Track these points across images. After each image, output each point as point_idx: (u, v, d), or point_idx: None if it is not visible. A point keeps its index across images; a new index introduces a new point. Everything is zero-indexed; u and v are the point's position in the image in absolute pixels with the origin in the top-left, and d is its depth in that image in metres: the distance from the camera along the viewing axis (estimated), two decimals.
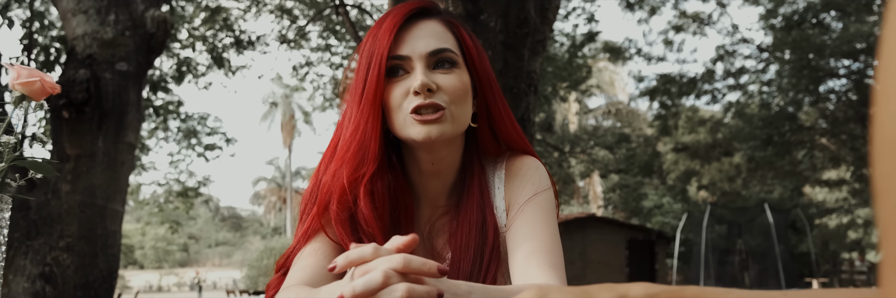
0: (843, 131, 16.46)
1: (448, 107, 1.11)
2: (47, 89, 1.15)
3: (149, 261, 47.42)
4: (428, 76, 1.10)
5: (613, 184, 27.45)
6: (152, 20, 6.44)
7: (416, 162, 1.20)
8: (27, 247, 6.26)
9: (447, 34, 1.16)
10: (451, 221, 1.19)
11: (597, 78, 26.60)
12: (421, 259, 0.76)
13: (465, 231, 1.16)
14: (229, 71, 11.28)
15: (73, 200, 6.18)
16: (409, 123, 1.10)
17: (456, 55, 1.14)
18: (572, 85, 14.45)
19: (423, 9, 1.17)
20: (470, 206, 1.18)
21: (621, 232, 20.00)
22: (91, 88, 6.11)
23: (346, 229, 1.09)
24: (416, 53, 1.11)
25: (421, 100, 1.09)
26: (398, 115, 1.11)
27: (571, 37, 13.40)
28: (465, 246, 1.14)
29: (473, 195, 1.19)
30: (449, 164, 1.20)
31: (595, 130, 25.16)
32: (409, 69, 1.12)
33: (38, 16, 7.19)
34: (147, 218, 17.00)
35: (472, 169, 1.22)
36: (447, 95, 1.11)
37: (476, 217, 1.17)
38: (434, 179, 1.21)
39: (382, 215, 1.12)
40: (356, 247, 0.79)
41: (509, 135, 1.23)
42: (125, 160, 6.55)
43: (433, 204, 1.23)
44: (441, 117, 1.09)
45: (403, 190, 1.19)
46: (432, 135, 1.09)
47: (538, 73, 3.94)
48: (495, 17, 3.68)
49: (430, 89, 1.09)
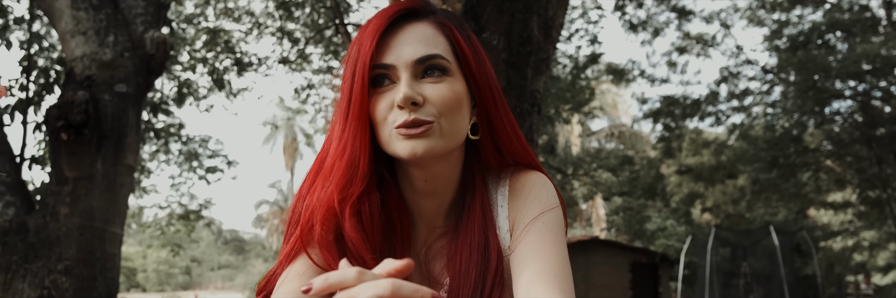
0: (849, 153, 16.39)
1: (437, 121, 1.00)
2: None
3: (151, 284, 47.25)
4: (413, 87, 0.99)
5: (616, 207, 27.32)
6: (151, 41, 6.41)
7: (410, 179, 1.09)
8: (25, 270, 6.19)
9: (438, 37, 1.04)
10: (450, 244, 1.09)
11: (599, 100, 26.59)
12: (412, 286, 0.66)
13: (466, 254, 1.05)
14: (230, 94, 11.26)
15: (71, 223, 6.11)
16: (395, 138, 1.00)
17: (447, 61, 1.03)
18: (575, 107, 14.42)
19: (412, 10, 1.05)
20: (471, 227, 1.07)
21: (625, 254, 19.87)
22: (90, 110, 6.07)
23: (332, 253, 0.99)
24: (401, 61, 1.00)
25: (406, 116, 0.99)
26: (384, 130, 1.01)
27: (574, 58, 13.39)
28: (466, 271, 1.03)
29: (475, 215, 1.08)
30: (445, 182, 1.10)
31: (598, 152, 25.09)
32: (395, 79, 1.01)
33: (36, 37, 7.17)
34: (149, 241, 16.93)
35: (472, 187, 1.11)
36: (435, 108, 1.00)
37: (478, 239, 1.06)
38: (430, 198, 1.11)
39: (372, 237, 1.02)
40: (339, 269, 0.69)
41: (513, 148, 1.11)
42: (124, 182, 6.49)
43: (430, 224, 1.12)
44: (427, 131, 0.99)
45: (398, 210, 1.09)
46: (418, 151, 0.99)
47: (542, 93, 3.87)
48: (498, 35, 3.63)
49: (416, 102, 0.99)
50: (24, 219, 5.85)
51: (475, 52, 1.08)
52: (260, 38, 11.67)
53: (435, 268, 1.10)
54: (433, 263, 1.10)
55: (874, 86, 15.16)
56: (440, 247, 1.10)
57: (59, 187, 6.09)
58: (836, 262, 23.69)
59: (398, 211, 1.08)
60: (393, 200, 1.08)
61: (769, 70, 16.54)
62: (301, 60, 12.01)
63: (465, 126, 1.06)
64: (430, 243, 1.11)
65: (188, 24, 11.01)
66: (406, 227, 1.09)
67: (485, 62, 1.10)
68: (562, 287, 0.97)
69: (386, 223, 1.06)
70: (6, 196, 5.86)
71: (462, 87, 1.04)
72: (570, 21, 12.83)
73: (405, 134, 0.99)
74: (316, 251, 1.00)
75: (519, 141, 1.12)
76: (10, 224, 5.85)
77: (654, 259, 20.15)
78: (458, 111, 1.03)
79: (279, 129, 42.30)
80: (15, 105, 6.73)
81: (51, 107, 6.09)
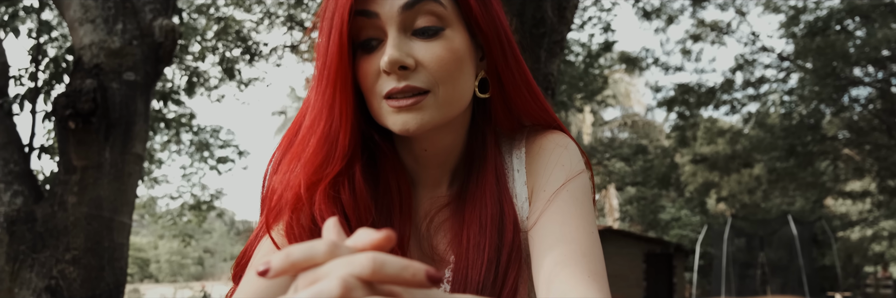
0: (868, 141, 16.21)
1: (433, 89, 0.84)
2: None
3: (164, 275, 47.61)
4: (401, 47, 0.82)
5: (630, 197, 27.21)
6: (160, 29, 6.35)
7: (409, 147, 0.94)
8: (33, 260, 6.16)
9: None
10: (456, 215, 0.93)
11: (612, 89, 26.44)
12: (399, 261, 0.47)
13: (476, 228, 0.89)
14: (241, 83, 11.23)
15: (79, 212, 6.08)
16: (385, 111, 0.85)
17: (443, 7, 0.84)
18: (588, 96, 14.31)
19: None
20: (481, 196, 0.91)
21: (639, 245, 19.80)
22: (98, 98, 6.03)
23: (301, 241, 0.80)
24: (385, 9, 0.82)
25: (394, 84, 0.83)
26: (373, 100, 0.86)
27: (587, 47, 13.28)
28: (476, 248, 0.88)
29: (486, 182, 0.92)
30: (449, 149, 0.94)
31: (611, 142, 24.96)
32: (382, 35, 0.84)
33: (46, 27, 7.14)
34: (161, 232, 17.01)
35: (482, 151, 0.95)
36: (430, 73, 0.84)
37: (491, 209, 0.89)
38: (432, 167, 0.96)
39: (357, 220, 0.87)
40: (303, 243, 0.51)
41: (528, 107, 0.94)
42: (133, 171, 6.45)
43: (433, 193, 0.97)
44: (419, 103, 0.83)
45: (397, 180, 0.93)
46: (410, 126, 0.84)
47: (556, 76, 3.77)
48: (511, 16, 3.52)
49: (405, 66, 0.82)
50: (32, 209, 5.82)
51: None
52: (271, 27, 11.64)
53: (439, 244, 0.94)
54: (436, 238, 0.95)
55: (894, 72, 14.97)
56: (444, 220, 0.95)
57: (67, 176, 6.05)
58: (855, 252, 23.51)
59: (397, 181, 0.93)
60: (389, 168, 0.93)
61: (786, 57, 16.36)
62: (311, 49, 11.97)
63: (469, 87, 0.90)
64: (432, 215, 0.96)
65: (199, 13, 10.97)
66: (407, 199, 0.94)
67: (492, 6, 0.91)
68: (592, 270, 0.84)
69: (382, 196, 0.92)
70: (14, 185, 5.82)
71: (462, 41, 0.87)
72: (583, 9, 12.71)
73: (396, 106, 0.83)
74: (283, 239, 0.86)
75: (534, 98, 0.95)
76: (17, 213, 5.82)
77: (669, 249, 20.07)
78: (459, 74, 0.87)
79: (291, 119, 42.43)
80: (24, 94, 6.70)
81: (59, 95, 6.04)
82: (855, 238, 23.03)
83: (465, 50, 0.87)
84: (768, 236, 19.97)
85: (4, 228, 5.78)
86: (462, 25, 0.88)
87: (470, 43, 0.89)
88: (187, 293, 42.23)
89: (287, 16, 11.50)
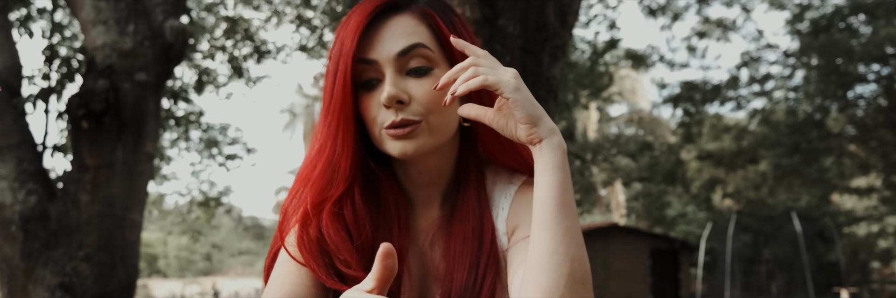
0: (873, 137, 16.21)
1: (424, 119, 1.00)
2: None
3: (172, 270, 47.76)
4: (397, 85, 0.99)
5: (636, 193, 27.24)
6: (171, 30, 6.45)
7: (406, 172, 1.10)
8: (47, 257, 6.27)
9: (419, 27, 1.02)
10: (446, 230, 1.08)
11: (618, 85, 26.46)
12: None
13: (460, 239, 1.05)
14: (249, 81, 11.33)
15: (92, 210, 6.18)
16: (385, 138, 1.01)
17: (430, 50, 1.01)
18: (594, 92, 14.36)
19: (392, 3, 1.04)
20: (465, 213, 1.07)
21: (644, 241, 19.85)
22: (110, 98, 6.13)
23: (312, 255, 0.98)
24: (383, 57, 1.00)
25: (393, 117, 0.99)
26: (374, 129, 1.02)
27: (593, 44, 13.33)
28: (460, 255, 1.03)
29: (469, 201, 1.08)
30: (439, 172, 1.10)
31: (617, 138, 24.99)
32: (380, 76, 1.01)
33: (58, 27, 7.23)
34: (170, 228, 17.14)
35: (466, 176, 1.10)
36: (422, 106, 1.00)
37: (472, 223, 1.06)
38: (425, 188, 1.11)
39: (358, 236, 1.01)
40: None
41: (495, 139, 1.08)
42: (144, 170, 6.55)
43: (427, 214, 1.12)
44: (414, 131, 0.99)
45: (396, 201, 1.09)
46: (408, 150, 1.00)
47: (558, 79, 3.86)
48: (513, 21, 3.61)
49: (401, 101, 0.99)
50: (46, 207, 5.93)
51: (464, 37, 1.06)
52: (279, 25, 11.72)
53: (434, 256, 1.09)
54: (432, 251, 1.09)
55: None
56: (437, 235, 1.09)
57: (80, 175, 6.15)
58: (860, 248, 23.52)
59: (396, 202, 1.08)
60: (388, 190, 1.08)
61: (791, 54, 16.37)
62: (319, 48, 12.05)
63: (455, 118, 1.06)
64: (429, 231, 1.10)
65: (208, 12, 11.07)
66: (404, 216, 1.09)
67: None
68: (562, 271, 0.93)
69: (383, 214, 1.06)
70: (28, 184, 5.93)
71: None
72: (589, 6, 12.76)
73: (393, 134, 0.99)
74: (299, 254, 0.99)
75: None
76: (31, 211, 5.93)
77: (675, 245, 20.11)
78: (446, 106, 1.00)
79: (298, 116, 42.46)
80: (37, 94, 6.80)
81: (72, 95, 6.14)
82: (861, 233, 23.05)
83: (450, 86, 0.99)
84: (773, 232, 20.01)
85: (19, 226, 5.89)
86: (447, 65, 1.04)
87: None
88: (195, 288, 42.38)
89: (296, 14, 11.59)
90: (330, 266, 0.97)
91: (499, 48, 3.62)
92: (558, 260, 0.87)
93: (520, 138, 0.93)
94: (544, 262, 0.87)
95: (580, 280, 0.87)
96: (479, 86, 0.88)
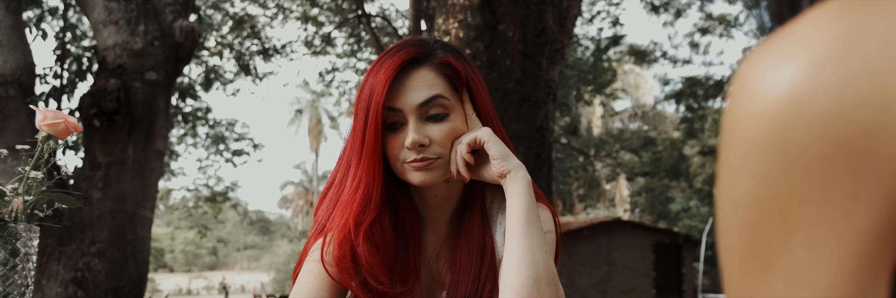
0: None
1: (441, 156, 1.20)
2: (70, 129, 1.29)
3: (178, 265, 47.83)
4: (419, 131, 1.18)
5: (640, 188, 27.32)
6: (180, 30, 6.56)
7: (421, 196, 1.28)
8: (60, 253, 6.40)
9: (438, 79, 1.22)
10: (453, 245, 1.27)
11: (622, 80, 26.52)
12: None
13: (465, 254, 1.24)
14: (256, 78, 11.44)
15: (104, 207, 6.30)
16: (407, 170, 1.20)
17: (448, 100, 1.21)
18: (597, 88, 14.46)
19: (415, 58, 1.22)
20: (470, 231, 1.26)
21: (648, 235, 19.90)
22: (121, 97, 6.24)
23: (347, 272, 1.16)
24: (407, 106, 1.18)
25: (415, 155, 1.18)
26: (397, 164, 1.21)
27: (596, 40, 13.42)
28: (465, 268, 1.22)
29: (474, 221, 1.27)
30: (450, 196, 1.28)
31: (621, 133, 25.05)
32: (404, 121, 1.19)
33: (70, 27, 7.34)
34: (176, 223, 17.24)
35: (472, 198, 1.29)
36: (439, 145, 1.19)
37: (475, 240, 1.24)
38: (437, 209, 1.29)
39: (386, 256, 1.19)
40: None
41: None
42: (154, 167, 6.67)
43: (437, 230, 1.31)
44: (432, 164, 1.18)
45: (412, 220, 1.27)
46: (426, 180, 1.19)
47: (557, 82, 3.98)
48: (514, 26, 3.74)
49: (423, 144, 1.18)
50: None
51: (475, 82, 1.26)
52: (285, 22, 11.81)
53: (441, 268, 1.28)
54: (439, 262, 1.29)
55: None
56: (444, 249, 1.29)
57: (92, 172, 6.28)
58: None
59: (411, 221, 1.27)
60: (406, 212, 1.27)
61: None
62: (325, 44, 12.15)
63: None
64: (437, 245, 1.30)
65: (215, 10, 11.15)
66: (418, 233, 1.28)
67: (483, 89, 1.28)
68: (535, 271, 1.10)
69: (400, 232, 1.25)
70: None
71: (461, 122, 1.23)
72: (592, 3, 12.85)
73: (415, 167, 1.19)
74: (333, 268, 1.18)
75: None
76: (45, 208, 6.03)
77: (678, 240, 20.18)
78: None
79: (304, 112, 42.58)
80: (50, 92, 6.91)
81: (84, 95, 6.26)
82: None
83: (461, 129, 1.23)
84: None
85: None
86: (461, 108, 1.25)
87: (464, 124, 1.25)
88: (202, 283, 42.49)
89: (301, 12, 11.68)
90: (364, 282, 1.16)
91: (499, 52, 3.74)
92: (526, 265, 1.09)
93: (494, 176, 1.20)
94: (515, 266, 1.10)
95: (545, 280, 1.09)
96: (468, 150, 1.18)
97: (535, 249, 1.11)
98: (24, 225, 1.21)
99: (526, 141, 4.03)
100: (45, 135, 1.29)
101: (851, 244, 0.32)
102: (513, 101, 3.93)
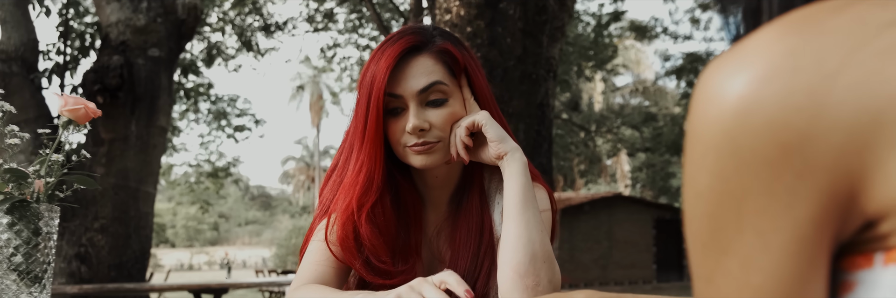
0: None
1: (441, 139, 1.25)
2: (90, 114, 1.34)
3: (180, 240, 48.10)
4: (420, 116, 1.23)
5: (641, 163, 27.38)
6: (183, 7, 6.56)
7: (422, 177, 1.34)
8: (63, 229, 6.47)
9: (437, 66, 1.26)
10: (452, 224, 1.33)
11: (623, 56, 26.46)
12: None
13: (464, 232, 1.30)
14: (258, 53, 11.44)
15: (107, 183, 6.36)
16: (409, 153, 1.25)
17: (446, 85, 1.25)
18: (598, 64, 14.46)
19: (415, 46, 1.26)
20: (469, 210, 1.32)
21: (649, 211, 19.99)
22: (124, 74, 6.27)
23: (351, 251, 1.22)
24: (408, 92, 1.23)
25: (415, 139, 1.23)
26: (398, 148, 1.26)
27: (597, 16, 13.39)
28: (464, 245, 1.29)
29: (472, 201, 1.32)
30: (450, 177, 1.34)
31: (621, 109, 25.05)
32: (405, 106, 1.24)
33: (73, 3, 7.34)
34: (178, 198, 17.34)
35: (471, 179, 1.34)
36: (439, 129, 1.24)
37: (474, 219, 1.30)
38: (437, 190, 1.35)
39: (388, 235, 1.25)
40: None
41: None
42: (157, 143, 6.71)
43: (437, 209, 1.36)
44: (432, 148, 1.24)
45: (413, 200, 1.33)
46: (427, 162, 1.25)
47: (557, 59, 4.02)
48: (515, 5, 3.76)
49: (423, 129, 1.23)
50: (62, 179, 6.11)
51: (473, 67, 1.30)
52: None
53: (441, 245, 1.34)
54: (440, 240, 1.35)
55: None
56: (445, 227, 1.34)
57: (95, 148, 6.34)
58: None
59: (413, 202, 1.33)
60: (407, 193, 1.32)
61: None
62: (326, 20, 12.13)
63: None
64: (437, 224, 1.35)
65: None
66: (419, 213, 1.34)
67: (480, 74, 1.33)
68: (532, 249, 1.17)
69: (401, 213, 1.31)
70: None
71: (460, 107, 1.28)
72: None
73: (416, 150, 1.24)
74: (337, 248, 1.24)
75: None
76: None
77: (679, 215, 20.25)
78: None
79: (305, 88, 42.54)
80: (52, 68, 6.93)
81: (87, 71, 6.30)
82: None
83: (460, 113, 1.28)
84: None
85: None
86: (459, 93, 1.29)
87: (463, 108, 1.30)
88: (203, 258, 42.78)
89: None
90: (366, 261, 1.22)
91: (500, 30, 3.77)
92: (523, 243, 1.15)
93: (491, 158, 1.25)
94: (512, 245, 1.16)
95: (541, 258, 1.15)
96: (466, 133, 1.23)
97: (532, 228, 1.16)
98: (45, 206, 1.26)
99: (526, 118, 4.08)
100: (67, 120, 1.32)
101: (794, 231, 0.38)
102: (513, 79, 3.96)
